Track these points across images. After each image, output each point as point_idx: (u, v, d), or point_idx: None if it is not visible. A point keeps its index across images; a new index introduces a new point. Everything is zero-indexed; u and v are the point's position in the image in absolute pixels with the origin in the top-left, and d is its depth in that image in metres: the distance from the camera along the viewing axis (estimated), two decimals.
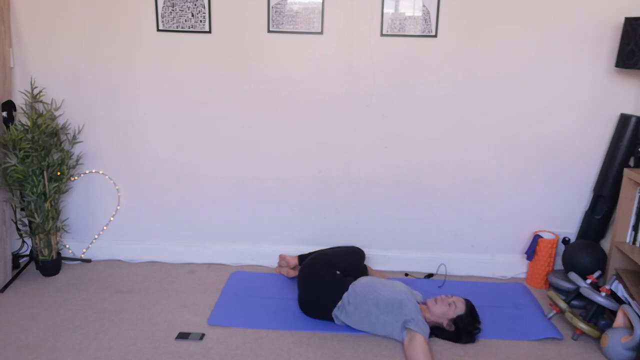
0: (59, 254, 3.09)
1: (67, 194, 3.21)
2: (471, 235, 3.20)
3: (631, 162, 2.85)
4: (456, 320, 2.48)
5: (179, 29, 2.93)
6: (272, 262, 3.27)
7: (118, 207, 3.24)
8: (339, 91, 3.00)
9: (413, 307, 2.46)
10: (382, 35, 2.89)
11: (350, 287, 2.59)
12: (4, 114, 2.89)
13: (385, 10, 2.85)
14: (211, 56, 2.98)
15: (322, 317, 2.62)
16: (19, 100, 3.05)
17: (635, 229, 2.71)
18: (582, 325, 2.48)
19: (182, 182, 3.18)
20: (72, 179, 3.18)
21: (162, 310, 2.72)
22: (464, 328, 2.47)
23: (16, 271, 3.08)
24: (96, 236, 3.29)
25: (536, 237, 3.04)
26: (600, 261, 2.82)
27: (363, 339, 2.51)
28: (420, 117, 3.01)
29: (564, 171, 3.05)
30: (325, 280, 2.63)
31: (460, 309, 2.50)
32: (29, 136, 2.86)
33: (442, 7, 2.84)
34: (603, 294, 2.55)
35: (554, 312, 2.68)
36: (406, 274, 3.21)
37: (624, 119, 2.81)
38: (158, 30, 2.94)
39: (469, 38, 2.88)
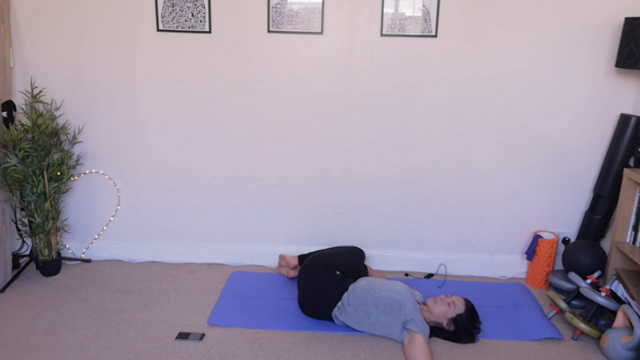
0: (59, 254, 3.09)
1: (67, 194, 3.21)
2: (471, 235, 3.20)
3: (631, 162, 2.85)
4: (456, 320, 2.48)
5: (179, 29, 2.93)
6: (272, 262, 3.27)
7: (118, 207, 3.24)
8: (339, 91, 3.00)
9: (412, 307, 2.46)
10: (382, 35, 2.89)
11: (350, 287, 2.59)
12: (4, 114, 2.89)
13: (385, 10, 2.85)
14: (211, 56, 2.98)
15: (322, 317, 2.62)
16: (19, 100, 3.05)
17: (635, 229, 2.71)
18: (582, 325, 2.48)
19: (182, 182, 3.18)
20: (72, 179, 3.18)
21: (162, 310, 2.72)
22: (464, 327, 2.47)
23: (16, 271, 3.08)
24: (96, 236, 3.29)
25: (536, 237, 3.04)
26: (600, 261, 2.82)
27: (363, 339, 2.51)
28: (420, 117, 3.01)
29: (564, 171, 3.05)
30: (325, 280, 2.63)
31: (459, 308, 2.50)
32: (29, 136, 2.86)
33: (442, 7, 2.84)
34: (603, 294, 2.55)
35: (554, 312, 2.68)
36: (406, 274, 3.21)
37: (624, 119, 2.81)
38: (158, 30, 2.94)
39: (469, 38, 2.88)
